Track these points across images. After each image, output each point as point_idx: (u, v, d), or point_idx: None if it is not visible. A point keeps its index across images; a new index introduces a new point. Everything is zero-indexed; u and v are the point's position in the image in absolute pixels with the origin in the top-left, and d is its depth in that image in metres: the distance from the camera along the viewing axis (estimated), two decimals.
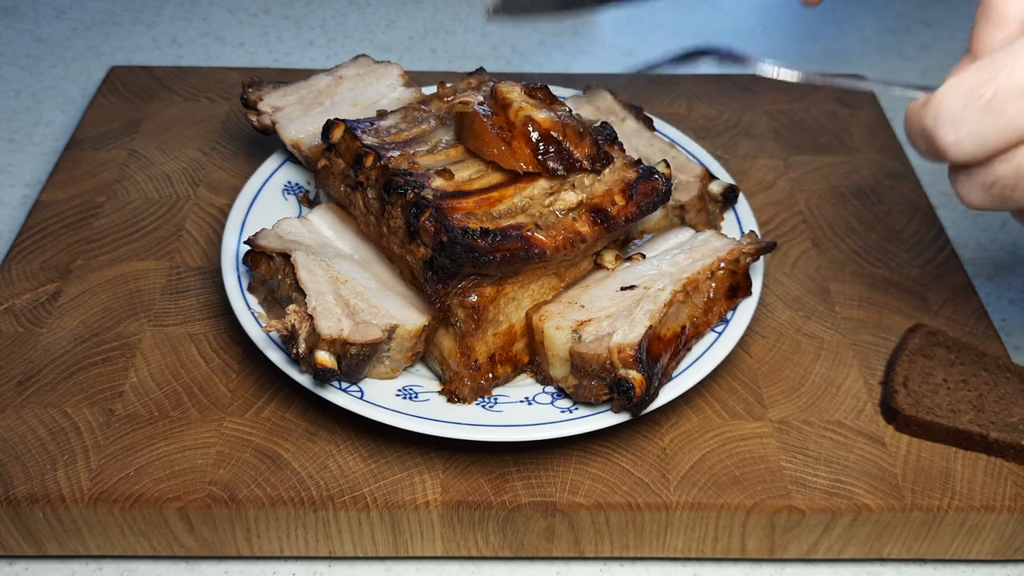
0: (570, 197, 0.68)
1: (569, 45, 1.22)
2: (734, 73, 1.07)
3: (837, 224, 0.88)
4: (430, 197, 0.66)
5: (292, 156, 0.83)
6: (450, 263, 0.63)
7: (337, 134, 0.73)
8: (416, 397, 0.66)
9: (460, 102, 0.73)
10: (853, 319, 0.78)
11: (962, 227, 0.95)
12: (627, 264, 0.72)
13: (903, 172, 0.94)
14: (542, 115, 0.69)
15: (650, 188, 0.70)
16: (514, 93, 0.71)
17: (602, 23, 1.27)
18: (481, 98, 0.73)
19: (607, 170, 0.71)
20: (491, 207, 0.67)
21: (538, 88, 0.72)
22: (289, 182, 0.82)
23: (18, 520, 0.63)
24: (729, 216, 0.81)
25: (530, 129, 0.69)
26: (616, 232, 0.70)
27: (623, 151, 0.73)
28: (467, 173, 0.70)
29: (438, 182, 0.69)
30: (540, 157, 0.69)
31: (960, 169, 0.53)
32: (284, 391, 0.70)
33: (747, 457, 0.67)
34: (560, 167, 0.69)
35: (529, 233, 0.65)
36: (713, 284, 0.71)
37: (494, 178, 0.70)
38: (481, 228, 0.64)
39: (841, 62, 1.20)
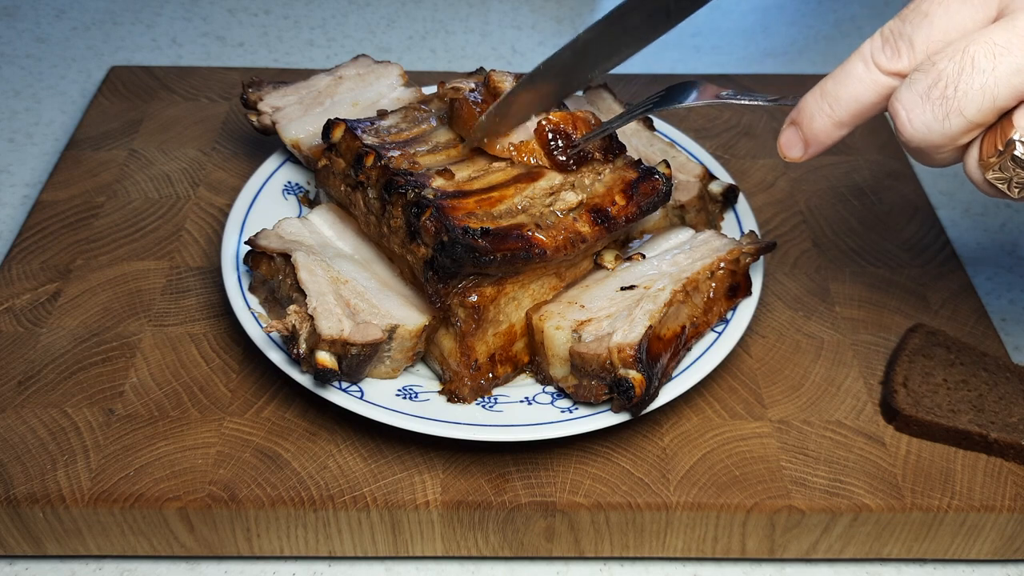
0: (570, 197, 0.68)
1: None
2: (733, 73, 1.07)
3: (837, 224, 0.88)
4: (431, 197, 0.66)
5: (292, 156, 0.83)
6: (451, 263, 0.63)
7: (338, 134, 0.73)
8: (416, 397, 0.66)
9: (452, 88, 0.74)
10: (853, 319, 0.78)
11: (962, 227, 0.95)
12: (627, 264, 0.72)
13: (903, 172, 0.94)
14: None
15: (650, 188, 0.70)
16: (506, 83, 0.71)
17: None
18: (473, 85, 0.73)
19: (607, 170, 0.71)
20: (491, 207, 0.67)
21: None
22: (289, 182, 0.82)
23: (18, 520, 0.63)
24: (729, 216, 0.81)
25: (542, 125, 0.69)
26: (616, 232, 0.70)
27: (623, 151, 0.73)
28: (467, 173, 0.70)
29: (439, 182, 0.69)
30: (551, 152, 0.69)
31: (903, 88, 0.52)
32: (284, 391, 0.70)
33: (747, 457, 0.67)
34: (571, 161, 0.69)
35: (530, 233, 0.65)
36: (713, 284, 0.71)
37: (494, 178, 0.70)
38: (482, 228, 0.64)
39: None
